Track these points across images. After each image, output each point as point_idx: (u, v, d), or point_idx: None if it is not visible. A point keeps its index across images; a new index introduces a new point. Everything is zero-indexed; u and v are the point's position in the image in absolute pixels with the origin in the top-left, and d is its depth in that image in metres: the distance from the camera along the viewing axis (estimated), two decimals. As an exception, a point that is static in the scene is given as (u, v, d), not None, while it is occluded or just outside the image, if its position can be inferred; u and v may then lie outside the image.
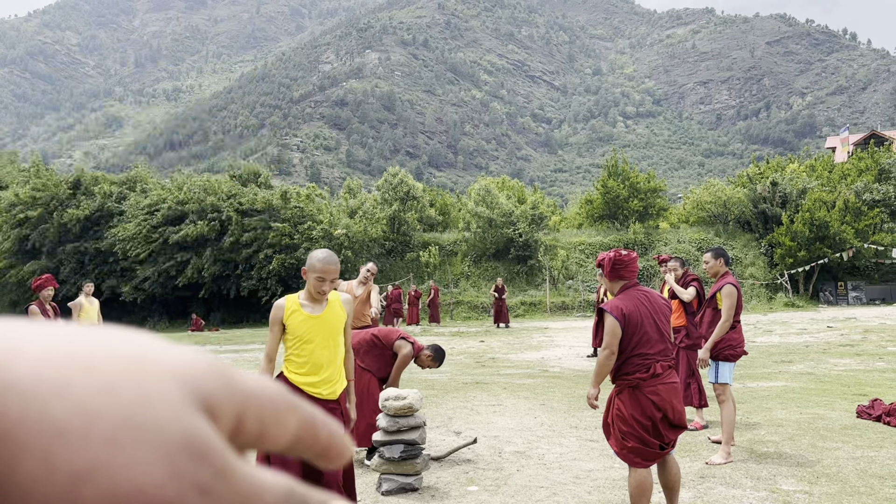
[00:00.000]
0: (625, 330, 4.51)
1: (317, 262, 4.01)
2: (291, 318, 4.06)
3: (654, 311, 4.60)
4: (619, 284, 4.73)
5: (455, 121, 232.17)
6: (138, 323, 33.84)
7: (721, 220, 38.11)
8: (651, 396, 4.43)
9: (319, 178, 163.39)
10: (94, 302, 13.46)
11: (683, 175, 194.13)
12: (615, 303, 4.64)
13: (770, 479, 5.80)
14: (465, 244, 37.01)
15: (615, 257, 4.70)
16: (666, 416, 4.45)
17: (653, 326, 4.56)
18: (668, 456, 4.63)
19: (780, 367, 12.91)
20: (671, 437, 4.51)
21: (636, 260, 4.72)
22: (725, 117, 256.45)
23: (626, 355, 4.53)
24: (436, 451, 6.79)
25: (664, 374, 4.50)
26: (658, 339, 4.55)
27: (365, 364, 6.57)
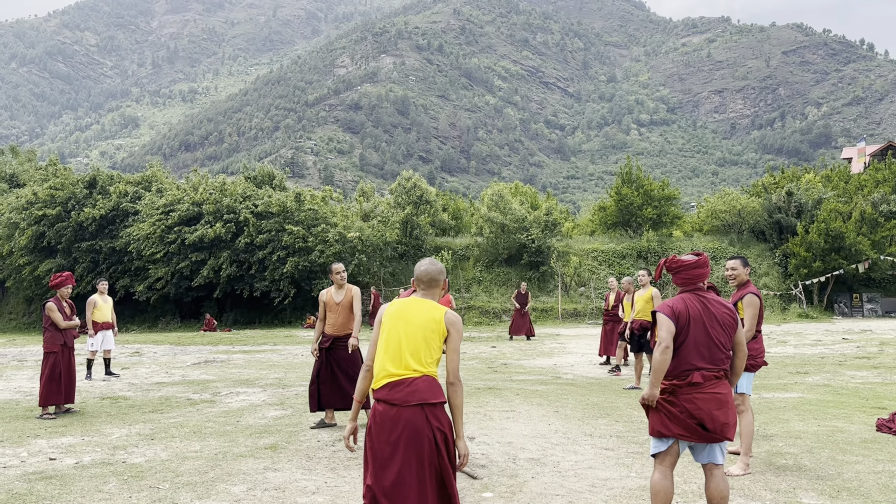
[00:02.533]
0: (675, 330, 4.46)
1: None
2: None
3: (708, 319, 4.48)
4: (681, 289, 4.68)
5: (468, 126, 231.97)
6: (151, 322, 33.96)
7: (735, 229, 37.87)
8: (686, 404, 4.37)
9: (333, 180, 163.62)
10: (109, 300, 13.55)
11: (697, 184, 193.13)
12: (666, 302, 4.61)
13: (790, 491, 5.72)
14: (478, 249, 36.95)
15: (667, 262, 4.69)
16: (702, 424, 4.36)
17: (702, 333, 4.45)
18: (716, 469, 4.51)
19: (796, 378, 12.79)
20: (693, 439, 4.40)
21: (697, 266, 4.62)
22: (740, 126, 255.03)
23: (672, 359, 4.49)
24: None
25: (704, 384, 4.39)
26: (705, 347, 4.44)
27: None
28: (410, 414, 3.69)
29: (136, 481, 5.97)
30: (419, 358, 3.81)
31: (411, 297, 4.05)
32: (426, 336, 3.85)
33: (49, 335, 9.50)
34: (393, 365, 3.81)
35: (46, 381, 9.27)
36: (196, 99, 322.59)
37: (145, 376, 13.72)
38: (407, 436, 3.67)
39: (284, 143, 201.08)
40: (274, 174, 40.33)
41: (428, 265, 4.09)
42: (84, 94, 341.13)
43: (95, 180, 35.99)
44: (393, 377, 3.79)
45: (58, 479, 6.05)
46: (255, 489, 5.73)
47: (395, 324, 3.90)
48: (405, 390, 3.75)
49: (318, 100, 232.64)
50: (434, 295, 4.07)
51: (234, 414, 9.31)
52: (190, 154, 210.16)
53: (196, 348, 20.58)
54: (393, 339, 3.87)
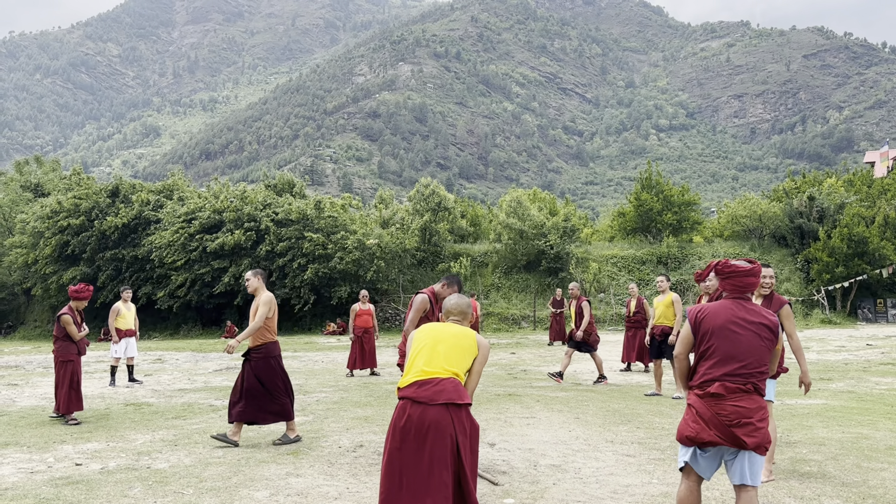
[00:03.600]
0: (696, 337, 4.35)
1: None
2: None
3: (744, 329, 4.23)
4: (728, 293, 4.47)
5: (486, 133, 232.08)
6: (173, 329, 34.24)
7: (756, 234, 37.57)
8: (708, 416, 4.20)
9: (351, 188, 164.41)
10: (132, 307, 13.70)
11: (717, 189, 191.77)
12: (701, 306, 4.48)
13: (814, 499, 5.68)
14: (496, 255, 36.92)
15: (718, 266, 4.49)
16: (720, 436, 4.14)
17: (731, 344, 4.21)
18: (746, 493, 4.24)
19: (820, 384, 12.66)
20: (721, 441, 4.16)
21: (751, 273, 4.36)
22: (760, 131, 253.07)
23: (695, 366, 4.39)
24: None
25: (728, 397, 4.13)
26: (734, 358, 4.19)
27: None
28: (435, 413, 3.77)
29: (160, 486, 6.03)
30: (452, 361, 3.97)
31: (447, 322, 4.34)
32: (461, 345, 4.06)
33: (62, 345, 9.64)
34: (426, 364, 3.96)
35: (67, 390, 9.41)
36: (216, 108, 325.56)
37: (168, 383, 13.85)
38: (431, 434, 3.72)
39: (304, 152, 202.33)
40: (294, 182, 40.57)
41: (458, 299, 4.39)
42: (106, 104, 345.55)
43: (118, 189, 36.40)
44: (423, 375, 3.90)
45: (84, 485, 6.13)
46: (277, 494, 5.78)
47: (430, 334, 4.12)
48: (432, 389, 3.84)
49: (337, 108, 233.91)
50: (464, 321, 4.38)
51: (255, 420, 9.37)
52: (210, 163, 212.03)
53: (217, 355, 20.73)
54: (428, 344, 4.06)
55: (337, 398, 11.21)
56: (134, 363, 13.85)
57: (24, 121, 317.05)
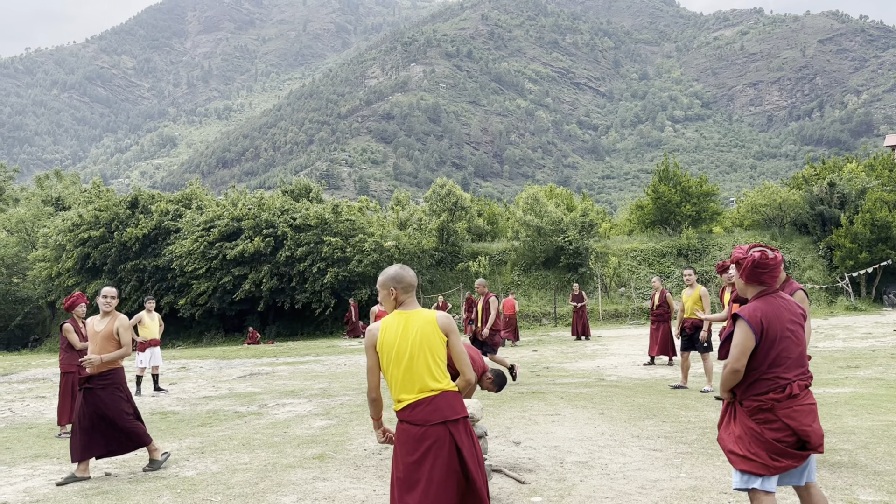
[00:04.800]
0: (760, 344, 3.97)
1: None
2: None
3: (793, 321, 4.06)
4: (757, 290, 4.15)
5: (500, 130, 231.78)
6: (196, 337, 34.49)
7: (777, 223, 37.19)
8: (786, 420, 3.91)
9: (368, 191, 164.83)
10: (156, 316, 13.80)
11: (735, 178, 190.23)
12: (754, 308, 4.04)
13: (846, 488, 5.60)
14: (515, 253, 36.84)
15: (760, 259, 4.09)
16: (801, 440, 3.93)
17: (793, 343, 4.02)
18: (812, 489, 4.10)
19: (847, 372, 12.51)
20: (798, 463, 3.96)
21: (781, 264, 4.13)
22: (777, 118, 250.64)
23: (758, 375, 3.98)
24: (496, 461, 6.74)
25: (801, 395, 3.97)
26: (797, 359, 4.02)
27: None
28: (434, 432, 3.68)
29: (189, 494, 6.07)
30: (433, 375, 3.78)
31: (395, 312, 3.91)
32: (432, 351, 3.80)
33: (66, 355, 9.72)
34: (407, 392, 3.76)
35: (66, 401, 9.48)
36: (231, 116, 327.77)
37: (193, 391, 13.95)
38: (433, 453, 3.65)
39: (319, 156, 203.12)
40: (310, 187, 40.75)
41: (399, 270, 3.96)
42: (123, 116, 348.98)
43: (137, 200, 36.73)
44: (411, 399, 3.76)
45: (114, 494, 6.18)
46: (305, 499, 5.79)
47: (395, 350, 3.79)
48: (426, 409, 3.72)
49: (351, 111, 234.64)
50: (414, 300, 3.96)
51: (281, 425, 9.42)
52: (227, 170, 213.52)
53: (241, 361, 20.84)
54: (399, 367, 3.78)
55: (360, 401, 11.22)
56: (159, 372, 13.95)
57: (42, 136, 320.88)
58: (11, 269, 39.35)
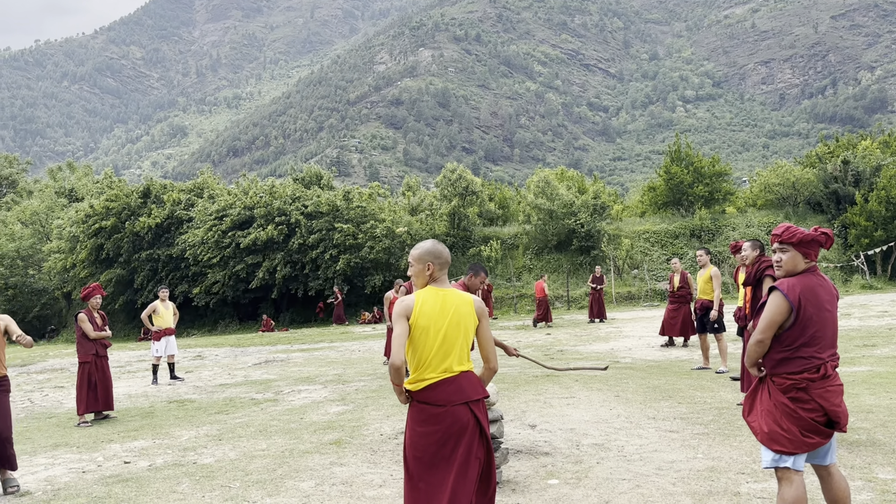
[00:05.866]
0: (797, 320, 3.90)
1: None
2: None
3: (830, 302, 4.01)
4: (804, 265, 4.05)
5: (510, 114, 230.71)
6: (211, 326, 34.70)
7: (790, 202, 36.91)
8: (819, 400, 3.88)
9: (378, 177, 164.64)
10: (170, 306, 13.86)
11: (748, 158, 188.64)
12: (794, 283, 3.96)
13: (865, 467, 5.58)
14: (526, 237, 36.76)
15: (815, 234, 4.02)
16: (830, 420, 3.93)
17: (829, 320, 3.97)
18: (833, 469, 4.08)
19: (864, 351, 12.44)
20: (826, 441, 3.96)
21: (828, 244, 4.06)
22: (789, 97, 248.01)
23: (793, 351, 3.92)
24: (573, 361, 6.74)
25: (833, 375, 3.97)
26: (831, 339, 3.99)
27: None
28: (455, 412, 3.63)
29: (207, 481, 6.12)
30: (461, 356, 3.73)
31: (430, 288, 3.80)
32: (465, 333, 3.75)
33: (80, 345, 9.82)
34: (432, 371, 3.67)
35: (83, 391, 9.60)
36: (241, 105, 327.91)
37: (209, 378, 14.04)
38: (456, 433, 3.60)
39: (329, 143, 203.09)
40: (321, 174, 40.75)
41: (436, 244, 3.87)
42: (133, 106, 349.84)
43: (149, 190, 36.86)
44: (434, 379, 3.68)
45: (134, 482, 6.24)
46: (322, 484, 5.83)
47: (436, 325, 3.69)
48: (448, 389, 3.65)
49: (360, 98, 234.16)
50: (446, 279, 3.88)
51: (297, 411, 9.47)
52: (238, 159, 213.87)
53: (256, 349, 20.96)
54: (433, 345, 3.68)
55: (375, 386, 11.27)
56: (175, 361, 14.05)
57: (54, 128, 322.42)
58: (27, 261, 39.66)
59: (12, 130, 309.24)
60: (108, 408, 9.86)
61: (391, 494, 5.46)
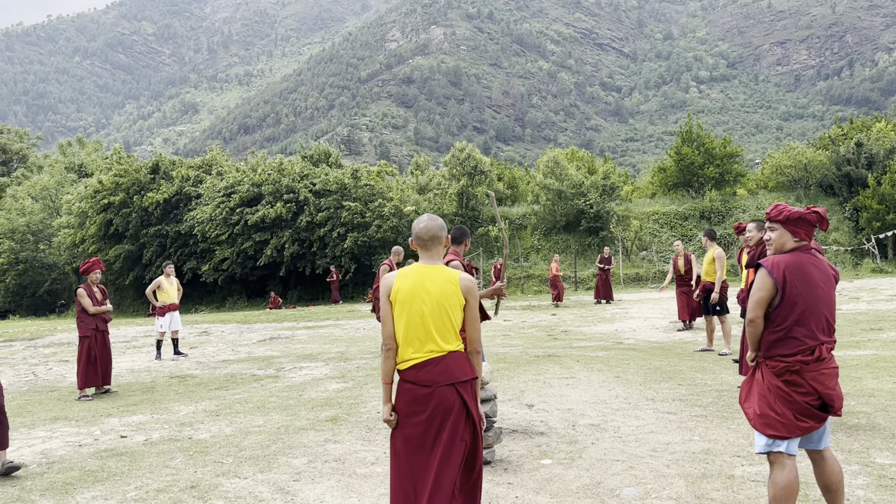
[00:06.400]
0: (783, 297, 3.82)
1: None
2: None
3: (824, 282, 3.91)
4: (793, 244, 3.97)
5: (522, 93, 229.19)
6: (219, 302, 34.83)
7: (802, 184, 36.57)
8: (813, 383, 3.79)
9: (389, 156, 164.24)
10: (174, 281, 13.87)
11: (761, 140, 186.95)
12: (779, 258, 3.90)
13: (863, 451, 5.51)
14: (535, 217, 36.62)
15: (804, 212, 3.95)
16: (825, 404, 3.85)
17: (822, 300, 3.86)
18: (826, 453, 4.00)
19: (870, 334, 12.33)
20: (820, 425, 3.88)
21: (822, 223, 3.97)
22: (805, 78, 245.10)
23: (786, 331, 3.83)
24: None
25: (828, 358, 3.86)
26: (826, 317, 3.88)
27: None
28: (441, 393, 3.52)
29: (201, 456, 6.12)
30: (446, 336, 3.58)
31: (416, 265, 3.72)
32: (449, 311, 3.59)
33: (82, 320, 9.82)
34: (416, 351, 3.57)
35: (84, 365, 9.61)
36: (252, 82, 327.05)
37: (212, 354, 14.08)
38: (440, 415, 3.52)
39: (340, 121, 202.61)
40: (330, 152, 40.67)
41: (428, 221, 3.73)
42: (145, 83, 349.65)
43: (158, 166, 36.90)
44: (419, 359, 3.58)
45: (128, 456, 6.25)
46: (315, 461, 5.81)
47: (413, 303, 3.59)
48: (434, 370, 3.54)
49: (371, 76, 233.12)
50: (439, 254, 3.74)
51: (296, 388, 9.47)
52: (249, 137, 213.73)
53: (262, 326, 21.01)
54: (414, 321, 3.58)
55: (376, 364, 11.25)
56: (178, 336, 14.09)
57: (66, 103, 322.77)
58: (38, 236, 39.88)
59: (25, 106, 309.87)
60: (107, 382, 9.88)
61: (382, 472, 5.43)
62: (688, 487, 4.87)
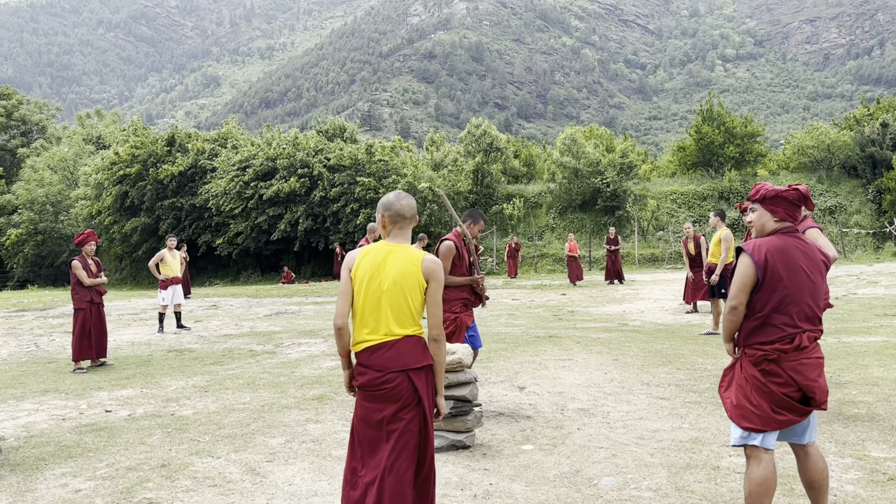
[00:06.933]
0: (763, 282, 3.61)
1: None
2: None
3: (809, 267, 3.68)
4: (774, 224, 3.76)
5: (545, 70, 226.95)
6: (233, 276, 34.94)
7: (824, 165, 35.85)
8: (792, 374, 3.57)
9: (409, 132, 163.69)
10: (177, 254, 13.82)
11: (787, 120, 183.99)
12: (761, 241, 3.70)
13: (858, 444, 5.29)
14: (550, 195, 36.24)
15: (782, 190, 3.74)
16: (806, 396, 3.63)
17: (806, 286, 3.64)
18: (810, 448, 3.78)
19: (883, 320, 12.01)
20: (801, 419, 3.66)
21: (803, 201, 3.76)
22: (834, 57, 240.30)
23: (764, 318, 3.62)
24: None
25: (811, 348, 3.63)
26: (809, 304, 3.64)
27: None
28: (393, 379, 3.35)
29: (179, 434, 6.03)
30: (402, 319, 3.40)
31: (381, 242, 3.55)
32: (407, 294, 3.40)
33: (76, 293, 9.74)
34: (370, 331, 3.40)
35: (78, 338, 9.55)
36: (274, 56, 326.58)
37: (215, 329, 14.05)
38: (391, 402, 3.35)
39: (361, 97, 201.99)
40: (345, 127, 40.42)
41: (394, 198, 3.53)
42: (167, 55, 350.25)
43: (174, 138, 36.90)
44: (373, 341, 3.40)
45: (106, 432, 6.17)
46: (292, 442, 5.70)
47: (371, 281, 3.43)
48: (386, 355, 3.37)
49: (393, 50, 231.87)
50: (406, 235, 3.56)
51: (290, 365, 9.38)
52: (270, 111, 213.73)
53: (271, 300, 21.01)
54: (370, 301, 3.41)
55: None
56: (181, 310, 14.06)
57: (90, 76, 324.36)
58: (56, 207, 40.16)
59: (49, 77, 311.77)
60: (102, 355, 9.84)
61: (358, 455, 5.30)
62: (669, 478, 4.70)
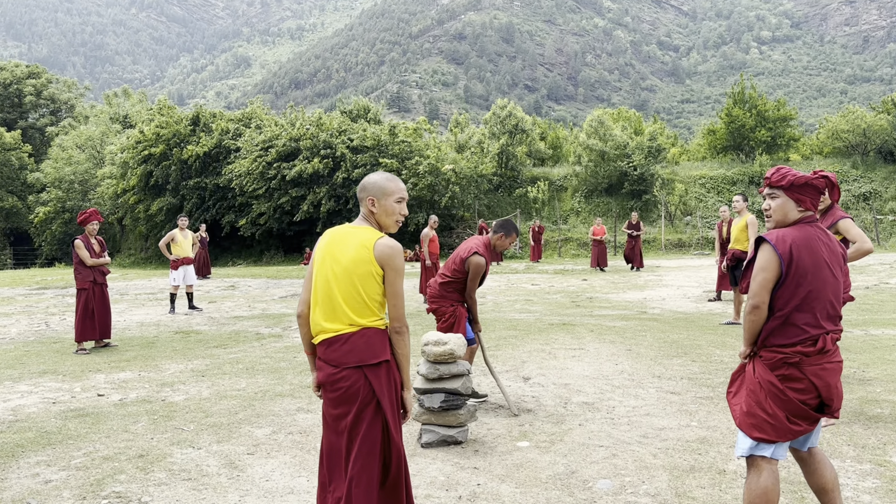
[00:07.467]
0: (787, 277, 3.24)
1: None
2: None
3: (832, 261, 3.32)
4: (797, 214, 3.39)
5: (576, 51, 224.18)
6: (256, 256, 34.98)
7: (860, 150, 34.84)
8: (814, 379, 3.23)
9: (438, 114, 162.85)
10: (188, 235, 13.68)
11: (823, 104, 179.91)
12: (784, 232, 3.32)
13: (878, 448, 4.92)
14: (576, 178, 35.70)
15: (811, 177, 3.41)
16: (824, 403, 3.29)
17: (829, 282, 3.29)
18: (815, 451, 3.46)
19: (914, 313, 11.49)
20: (812, 427, 3.32)
21: (826, 188, 3.46)
22: (874, 39, 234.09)
23: (784, 317, 3.25)
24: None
25: (833, 351, 3.30)
26: (832, 302, 3.29)
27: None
28: (348, 376, 3.06)
29: (164, 421, 5.83)
30: (357, 309, 3.08)
31: (347, 225, 3.27)
32: (357, 282, 3.08)
33: (79, 272, 9.58)
34: (326, 319, 3.11)
35: (80, 318, 9.39)
36: (304, 36, 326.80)
37: (227, 310, 13.91)
38: (347, 401, 3.06)
39: (390, 78, 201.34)
40: (369, 107, 40.15)
41: (375, 176, 3.25)
42: (199, 36, 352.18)
43: (198, 118, 36.91)
44: (328, 333, 3.10)
45: (92, 417, 6.00)
46: (279, 432, 5.47)
47: (322, 266, 3.15)
48: (341, 349, 3.07)
49: (422, 31, 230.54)
50: (367, 214, 3.24)
51: (293, 349, 9.18)
52: (300, 92, 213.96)
53: (289, 282, 20.89)
54: (323, 288, 3.13)
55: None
56: (193, 290, 13.93)
57: (122, 55, 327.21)
58: (84, 186, 40.50)
59: (83, 57, 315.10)
60: (105, 336, 9.70)
61: (344, 448, 5.05)
62: (670, 482, 4.38)
